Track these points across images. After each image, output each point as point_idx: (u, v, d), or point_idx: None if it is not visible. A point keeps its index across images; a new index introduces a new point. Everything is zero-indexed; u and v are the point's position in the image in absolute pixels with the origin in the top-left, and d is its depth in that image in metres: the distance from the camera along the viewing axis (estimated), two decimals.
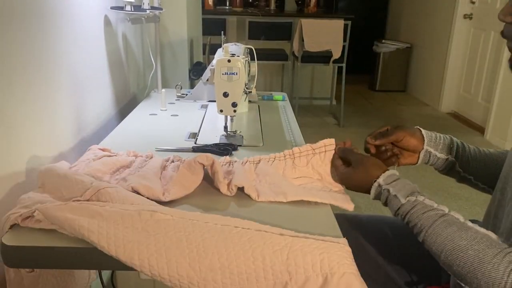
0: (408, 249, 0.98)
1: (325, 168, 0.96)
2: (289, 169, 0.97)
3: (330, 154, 0.97)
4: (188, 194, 0.86)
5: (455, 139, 0.96)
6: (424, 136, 0.94)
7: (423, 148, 0.94)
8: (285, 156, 0.98)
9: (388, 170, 0.82)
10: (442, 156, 0.95)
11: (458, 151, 0.94)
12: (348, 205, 0.86)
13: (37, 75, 0.95)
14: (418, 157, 0.96)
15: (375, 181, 0.81)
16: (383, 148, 0.96)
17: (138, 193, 0.81)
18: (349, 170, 0.88)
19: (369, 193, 0.83)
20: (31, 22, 0.93)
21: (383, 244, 1.01)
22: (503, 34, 0.73)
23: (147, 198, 0.80)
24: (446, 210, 0.73)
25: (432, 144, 0.94)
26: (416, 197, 0.75)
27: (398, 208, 0.77)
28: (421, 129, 0.96)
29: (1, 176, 0.83)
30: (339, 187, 0.93)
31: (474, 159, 0.94)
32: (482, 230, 0.68)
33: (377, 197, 0.82)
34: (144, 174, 0.88)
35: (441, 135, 0.96)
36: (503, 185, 0.77)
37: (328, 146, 0.97)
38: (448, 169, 0.97)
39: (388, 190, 0.79)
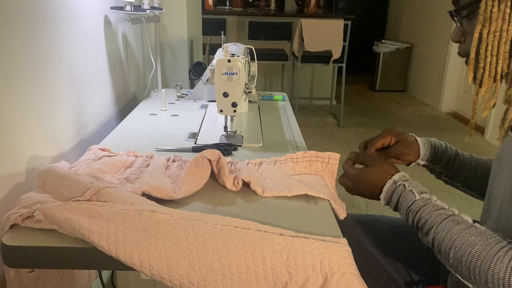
0: (408, 249, 0.98)
1: (326, 173, 0.98)
2: (291, 169, 0.98)
3: (332, 166, 0.97)
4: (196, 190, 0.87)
5: (450, 150, 1.00)
6: (421, 154, 0.99)
7: (415, 161, 1.00)
8: (286, 160, 1.00)
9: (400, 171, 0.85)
10: (432, 166, 1.01)
11: (449, 161, 0.99)
12: (342, 212, 0.88)
13: (37, 75, 0.95)
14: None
15: (390, 178, 0.83)
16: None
17: (149, 196, 0.81)
18: (365, 168, 0.90)
19: (380, 192, 0.84)
20: (31, 22, 0.93)
21: (383, 244, 1.02)
22: (458, 53, 0.80)
23: (159, 198, 0.81)
24: (456, 212, 0.75)
25: (425, 160, 1.00)
26: (430, 195, 0.78)
27: (412, 203, 0.78)
28: (420, 146, 0.99)
29: (1, 176, 0.83)
30: (335, 190, 0.94)
31: (463, 167, 0.98)
32: (490, 231, 0.70)
33: (389, 195, 0.83)
34: (152, 175, 0.88)
35: (439, 146, 1.00)
36: (490, 189, 0.80)
37: (332, 159, 0.98)
38: (436, 175, 1.03)
39: (404, 185, 0.81)
